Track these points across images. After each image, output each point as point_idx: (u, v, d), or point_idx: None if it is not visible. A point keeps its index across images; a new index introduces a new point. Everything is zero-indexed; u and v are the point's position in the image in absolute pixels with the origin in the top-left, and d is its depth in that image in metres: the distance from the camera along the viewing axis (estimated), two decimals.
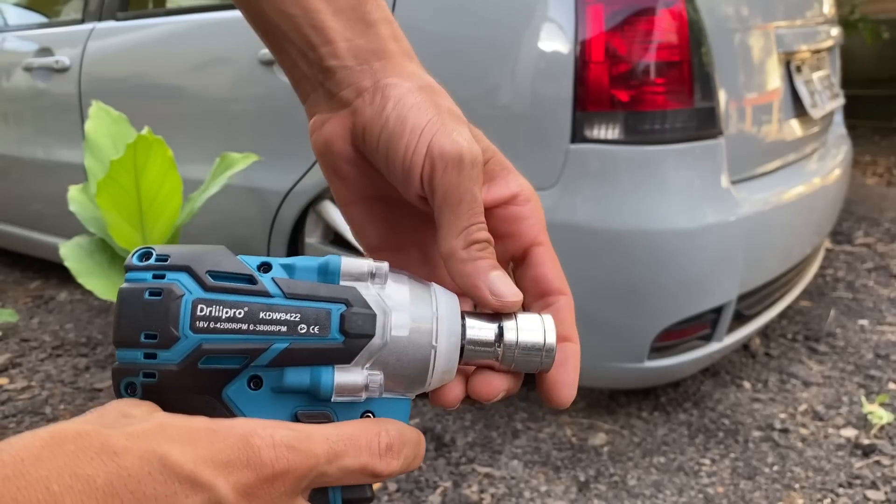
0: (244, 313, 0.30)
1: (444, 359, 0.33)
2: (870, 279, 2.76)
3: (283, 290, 0.31)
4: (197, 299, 0.30)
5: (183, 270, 0.30)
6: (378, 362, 0.32)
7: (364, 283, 0.32)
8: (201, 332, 0.30)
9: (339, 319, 0.31)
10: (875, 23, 5.28)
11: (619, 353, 1.71)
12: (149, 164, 1.53)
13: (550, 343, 0.35)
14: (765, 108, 1.87)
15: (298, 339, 0.31)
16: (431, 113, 0.35)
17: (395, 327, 0.32)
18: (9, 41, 2.86)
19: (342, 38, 0.37)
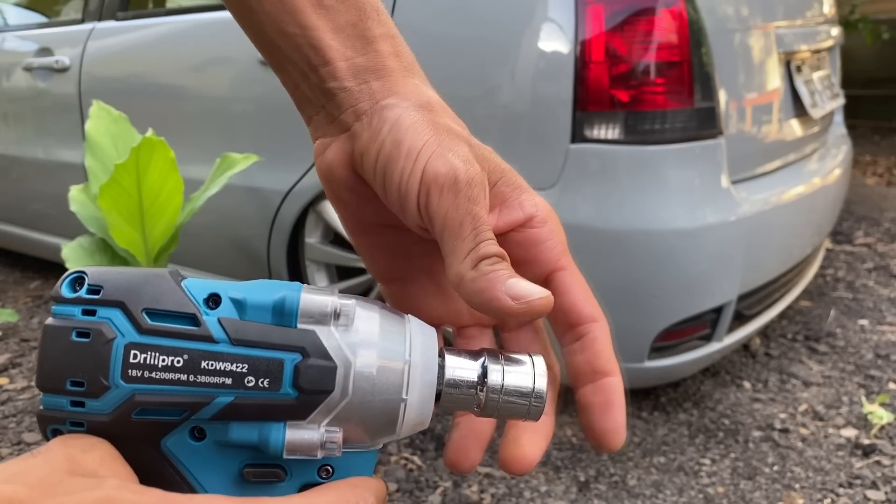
0: (183, 362, 0.27)
1: (415, 411, 0.29)
2: (870, 279, 2.76)
3: (230, 334, 0.27)
4: (130, 343, 0.27)
5: (116, 307, 0.27)
6: (338, 418, 0.28)
7: (325, 327, 0.28)
8: (134, 382, 0.26)
9: (292, 372, 0.27)
10: (875, 23, 5.28)
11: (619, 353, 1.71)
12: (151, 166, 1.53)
13: (540, 388, 0.31)
14: (765, 108, 1.87)
15: (245, 393, 0.27)
16: (428, 134, 0.33)
17: (359, 379, 0.28)
18: (9, 41, 2.86)
19: (341, 56, 0.35)
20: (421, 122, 0.33)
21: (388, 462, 1.76)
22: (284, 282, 0.29)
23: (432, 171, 0.32)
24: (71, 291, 0.28)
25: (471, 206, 0.31)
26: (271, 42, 0.37)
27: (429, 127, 0.33)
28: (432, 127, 0.33)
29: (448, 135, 0.33)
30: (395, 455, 1.79)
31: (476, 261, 0.31)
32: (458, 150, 0.33)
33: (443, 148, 0.32)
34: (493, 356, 0.31)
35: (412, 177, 0.32)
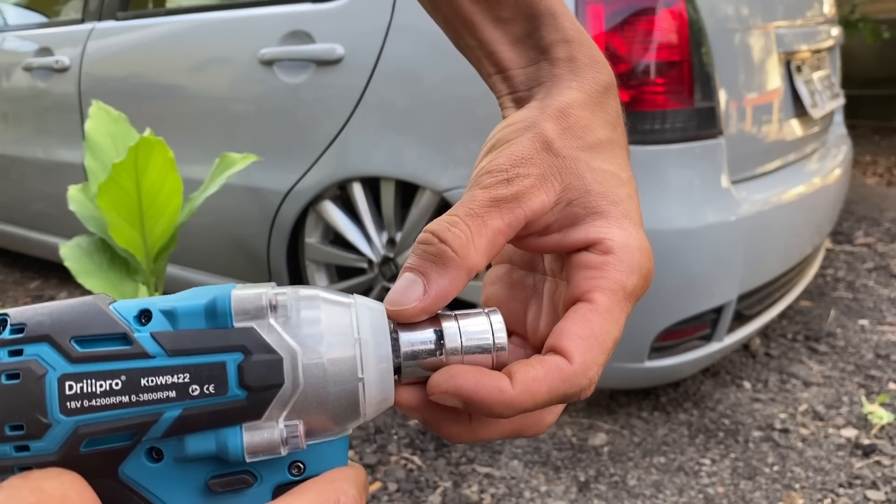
0: (122, 383, 0.26)
1: (375, 388, 0.29)
2: (870, 279, 2.76)
3: (165, 346, 0.26)
4: (63, 375, 0.25)
5: (43, 341, 0.26)
6: (295, 410, 0.27)
7: (264, 321, 0.27)
8: (75, 414, 0.25)
9: (237, 372, 0.26)
10: (875, 22, 5.28)
11: (619, 353, 1.71)
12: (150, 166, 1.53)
13: (501, 342, 0.30)
14: (765, 108, 1.87)
15: (192, 402, 0.26)
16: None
17: (308, 366, 0.27)
18: (9, 41, 2.86)
19: (517, 65, 0.37)
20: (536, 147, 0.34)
21: (389, 462, 1.76)
22: (217, 286, 0.28)
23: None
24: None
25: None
26: (461, 49, 0.39)
27: (539, 154, 0.34)
28: (543, 152, 0.34)
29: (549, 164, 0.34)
30: (395, 455, 1.79)
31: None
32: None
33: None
34: (447, 319, 0.31)
35: None
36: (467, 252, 0.31)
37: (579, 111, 0.35)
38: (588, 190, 0.34)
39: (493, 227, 0.31)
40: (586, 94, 0.35)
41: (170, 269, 2.30)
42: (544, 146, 0.33)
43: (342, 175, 1.93)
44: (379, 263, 1.97)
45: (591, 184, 0.34)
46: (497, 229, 0.31)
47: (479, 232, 0.31)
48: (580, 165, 0.34)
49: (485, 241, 0.31)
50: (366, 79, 1.84)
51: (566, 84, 0.35)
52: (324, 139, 1.93)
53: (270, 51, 1.96)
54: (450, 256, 0.30)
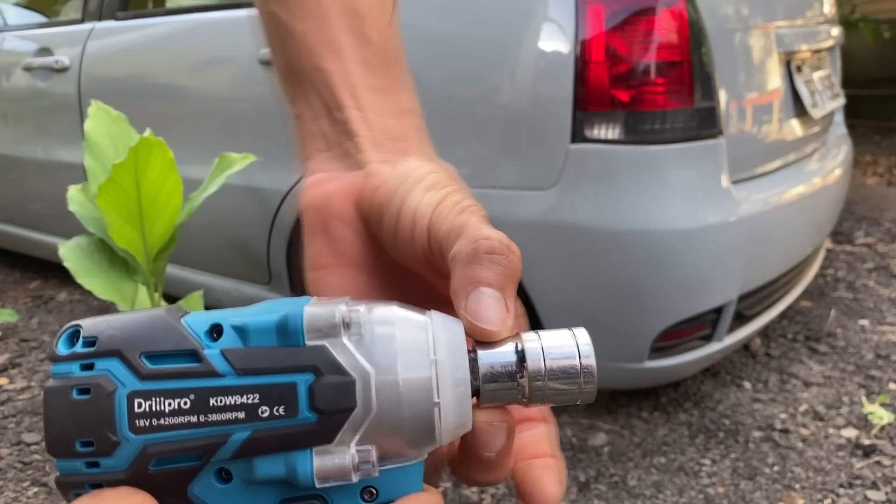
0: (191, 402, 0.25)
1: (452, 414, 0.27)
2: (870, 279, 2.75)
3: (235, 365, 0.26)
4: (132, 392, 0.25)
5: (114, 356, 0.26)
6: (368, 434, 0.26)
7: (337, 340, 0.26)
8: (144, 432, 0.25)
9: (307, 394, 0.26)
10: (875, 22, 5.28)
11: (619, 353, 1.71)
12: (150, 166, 1.53)
13: (589, 365, 0.28)
14: (765, 108, 1.87)
15: (261, 424, 0.25)
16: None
17: (382, 389, 0.26)
18: (9, 41, 2.86)
19: (374, 111, 0.36)
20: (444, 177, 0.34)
21: None
22: (292, 298, 0.28)
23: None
24: (67, 347, 0.26)
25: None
26: (303, 72, 0.37)
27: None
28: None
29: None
30: None
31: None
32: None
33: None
34: (531, 338, 0.29)
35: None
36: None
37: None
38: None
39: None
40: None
41: (170, 269, 2.30)
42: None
43: None
44: None
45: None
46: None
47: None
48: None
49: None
50: None
51: (424, 150, 0.37)
52: None
53: None
54: (519, 273, 0.29)
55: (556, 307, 1.73)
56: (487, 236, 0.29)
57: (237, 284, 2.25)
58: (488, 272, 0.29)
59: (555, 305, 1.73)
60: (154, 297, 1.68)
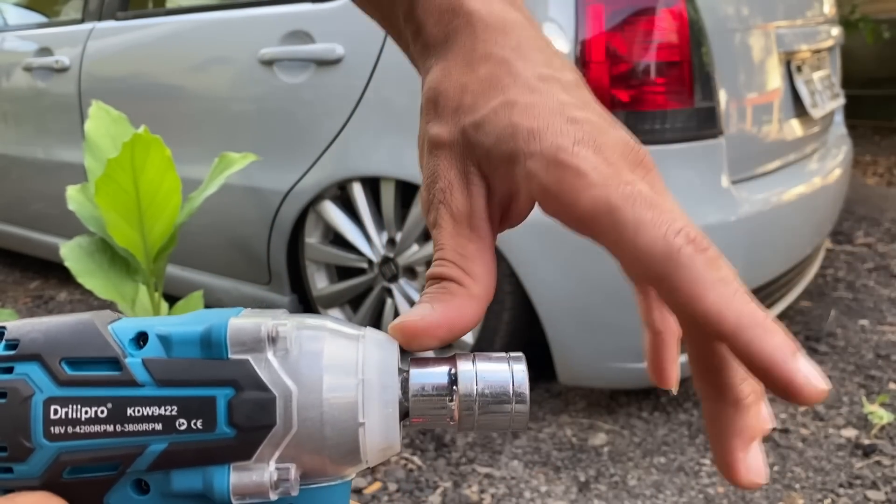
0: (108, 411, 0.25)
1: (378, 435, 0.26)
2: (870, 279, 2.76)
3: (155, 375, 0.25)
4: (49, 398, 0.25)
5: (34, 360, 0.25)
6: (289, 452, 0.25)
7: (260, 355, 0.25)
8: (58, 440, 0.25)
9: (226, 409, 0.25)
10: (875, 22, 5.28)
11: (619, 353, 1.71)
12: (147, 164, 1.53)
13: (521, 392, 0.27)
14: (765, 108, 1.87)
15: (179, 437, 0.25)
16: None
17: (304, 408, 0.25)
18: (9, 41, 2.86)
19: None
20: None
21: (388, 462, 1.76)
22: (222, 309, 0.27)
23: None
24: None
25: None
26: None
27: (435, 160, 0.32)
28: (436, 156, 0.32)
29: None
30: (394, 455, 1.79)
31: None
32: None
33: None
34: (465, 360, 0.28)
35: None
36: (469, 283, 0.29)
37: (444, 84, 0.31)
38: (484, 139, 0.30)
39: (472, 250, 0.29)
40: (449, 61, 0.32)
41: (170, 269, 2.30)
42: (433, 147, 0.31)
43: (342, 175, 1.93)
44: (379, 263, 1.97)
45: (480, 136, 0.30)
46: (476, 250, 0.30)
47: (466, 263, 0.29)
48: (466, 135, 0.30)
49: (478, 268, 0.29)
50: (366, 79, 1.84)
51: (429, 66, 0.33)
52: (324, 139, 1.93)
53: (270, 51, 1.96)
54: (454, 288, 0.29)
55: (556, 307, 1.73)
56: (427, 274, 0.29)
57: (237, 284, 2.26)
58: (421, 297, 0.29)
59: (555, 305, 1.73)
60: (154, 296, 1.68)
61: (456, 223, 0.29)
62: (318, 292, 2.08)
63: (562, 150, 0.27)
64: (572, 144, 0.28)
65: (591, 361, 1.76)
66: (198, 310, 0.27)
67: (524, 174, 0.28)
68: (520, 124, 0.28)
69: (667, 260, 0.26)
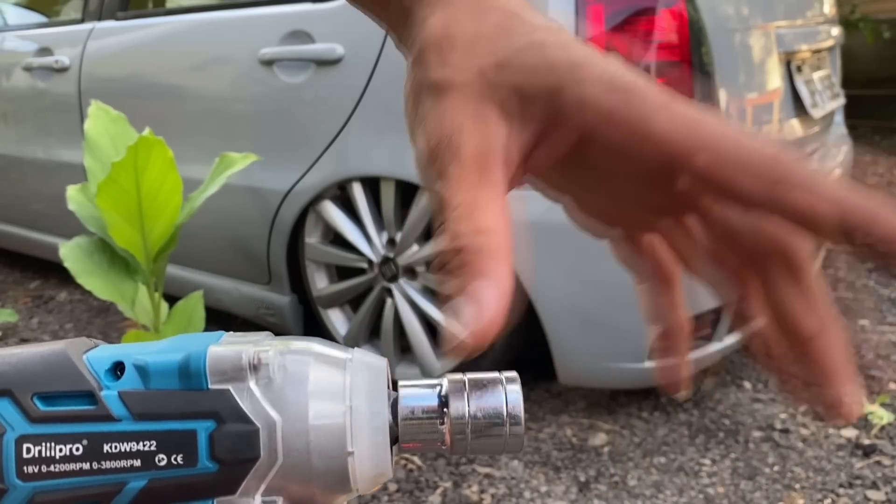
0: (83, 448, 0.24)
1: (368, 463, 0.26)
2: (870, 279, 2.76)
3: (132, 409, 0.24)
4: (21, 437, 0.24)
5: (4, 395, 0.24)
6: (275, 484, 0.24)
7: (242, 384, 0.24)
8: (32, 479, 0.24)
9: (207, 442, 0.24)
10: (876, 22, 5.28)
11: (619, 353, 1.71)
12: (149, 165, 1.53)
13: (515, 413, 0.26)
14: (765, 108, 1.87)
15: (159, 473, 0.24)
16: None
17: (289, 438, 0.24)
18: (9, 41, 2.86)
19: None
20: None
21: None
22: (203, 334, 0.26)
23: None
24: None
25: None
26: None
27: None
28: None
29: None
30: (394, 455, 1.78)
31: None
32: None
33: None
34: (455, 382, 0.27)
35: None
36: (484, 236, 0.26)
37: (451, 30, 0.30)
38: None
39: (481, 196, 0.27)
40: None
41: (170, 269, 2.30)
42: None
43: (342, 175, 1.93)
44: (379, 263, 1.96)
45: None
46: (491, 197, 0.27)
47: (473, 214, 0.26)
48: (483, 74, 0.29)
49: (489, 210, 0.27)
50: (366, 79, 1.84)
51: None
52: (324, 139, 1.93)
53: (270, 51, 1.96)
54: (485, 264, 0.25)
55: (557, 307, 1.73)
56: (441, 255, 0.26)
57: (237, 284, 2.25)
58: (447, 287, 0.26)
59: (555, 305, 1.73)
60: (154, 297, 1.68)
61: (465, 169, 0.27)
62: (318, 292, 2.08)
63: (618, 76, 0.27)
64: (623, 73, 0.28)
65: (591, 361, 1.76)
66: (177, 335, 0.26)
67: (576, 102, 0.27)
68: (558, 57, 0.28)
69: (777, 164, 0.26)
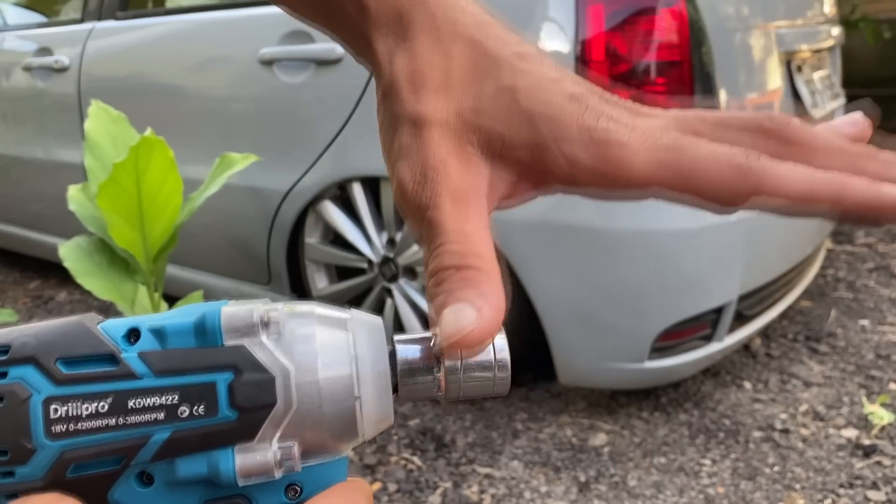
0: (109, 405, 0.25)
1: (373, 407, 0.28)
2: (871, 279, 2.75)
3: (153, 366, 0.26)
4: (48, 398, 0.25)
5: (28, 363, 0.25)
6: (290, 430, 0.26)
7: (255, 339, 0.26)
8: (60, 438, 0.25)
9: (227, 392, 0.26)
10: (876, 22, 5.28)
11: (619, 353, 1.71)
12: (150, 166, 1.53)
13: (502, 359, 0.29)
14: (765, 108, 1.86)
15: (181, 424, 0.25)
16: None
17: (302, 385, 0.26)
18: (8, 41, 2.86)
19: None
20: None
21: (388, 462, 1.76)
22: (209, 303, 0.28)
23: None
24: None
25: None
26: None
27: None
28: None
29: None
30: (395, 455, 1.79)
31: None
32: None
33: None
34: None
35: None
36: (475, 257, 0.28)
37: (417, 64, 0.30)
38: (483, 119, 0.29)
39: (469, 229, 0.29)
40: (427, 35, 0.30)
41: (170, 269, 2.30)
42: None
43: (342, 175, 1.93)
44: (379, 263, 1.96)
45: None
46: (479, 228, 0.29)
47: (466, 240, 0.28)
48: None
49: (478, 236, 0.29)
50: (366, 79, 1.84)
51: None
52: (324, 139, 1.93)
53: (270, 50, 1.96)
54: (477, 276, 0.28)
55: (557, 307, 1.73)
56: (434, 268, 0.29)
57: (237, 284, 2.25)
58: (440, 297, 0.28)
59: (555, 305, 1.73)
60: (154, 297, 1.68)
61: (455, 200, 0.29)
62: (318, 292, 2.08)
63: (593, 130, 0.29)
64: (597, 121, 0.29)
65: (592, 361, 1.76)
66: (185, 305, 0.28)
67: (559, 161, 0.29)
68: (533, 110, 0.29)
69: (746, 177, 0.28)
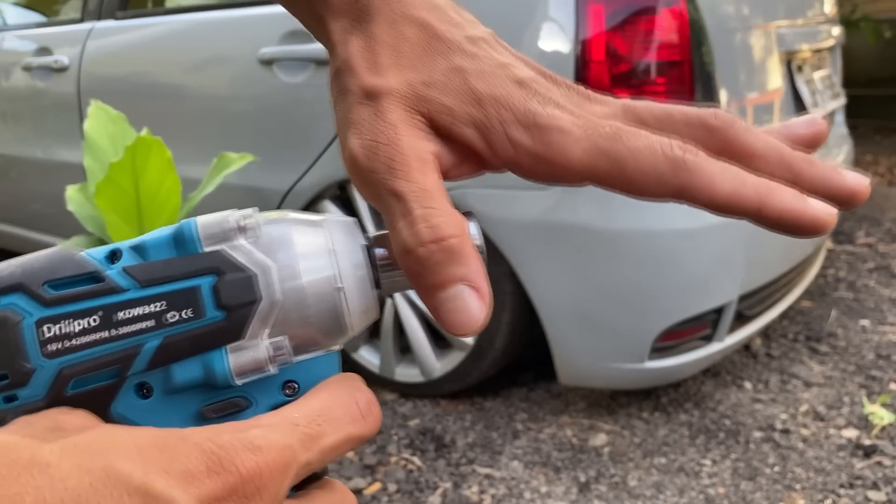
0: (99, 319, 0.26)
1: (356, 297, 0.28)
2: (871, 279, 2.75)
3: (137, 278, 0.26)
4: (39, 319, 0.26)
5: (16, 290, 0.26)
6: (278, 325, 0.27)
7: (233, 243, 0.27)
8: (56, 356, 0.26)
9: (211, 293, 0.26)
10: (876, 22, 5.28)
11: (619, 353, 1.71)
12: (148, 165, 1.53)
13: (480, 245, 0.30)
14: (766, 108, 1.86)
15: (171, 329, 0.26)
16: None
17: (285, 279, 0.27)
18: (8, 41, 2.86)
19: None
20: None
21: (388, 462, 1.76)
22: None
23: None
24: None
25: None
26: None
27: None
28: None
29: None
30: (395, 456, 1.78)
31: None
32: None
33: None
34: None
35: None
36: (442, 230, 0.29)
37: (373, 42, 0.31)
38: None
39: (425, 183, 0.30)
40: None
41: None
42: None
43: (342, 175, 1.92)
44: None
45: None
46: (440, 188, 0.30)
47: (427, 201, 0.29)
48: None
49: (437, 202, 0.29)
50: None
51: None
52: (324, 139, 1.93)
53: (270, 50, 1.96)
54: (459, 248, 0.28)
55: (556, 307, 1.73)
56: (408, 247, 0.29)
57: None
58: (426, 277, 0.29)
59: (555, 305, 1.72)
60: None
61: (410, 160, 0.30)
62: None
63: (538, 115, 0.29)
64: (542, 106, 0.29)
65: (592, 361, 1.76)
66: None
67: (503, 143, 0.30)
68: (481, 91, 0.30)
69: (678, 171, 0.29)
